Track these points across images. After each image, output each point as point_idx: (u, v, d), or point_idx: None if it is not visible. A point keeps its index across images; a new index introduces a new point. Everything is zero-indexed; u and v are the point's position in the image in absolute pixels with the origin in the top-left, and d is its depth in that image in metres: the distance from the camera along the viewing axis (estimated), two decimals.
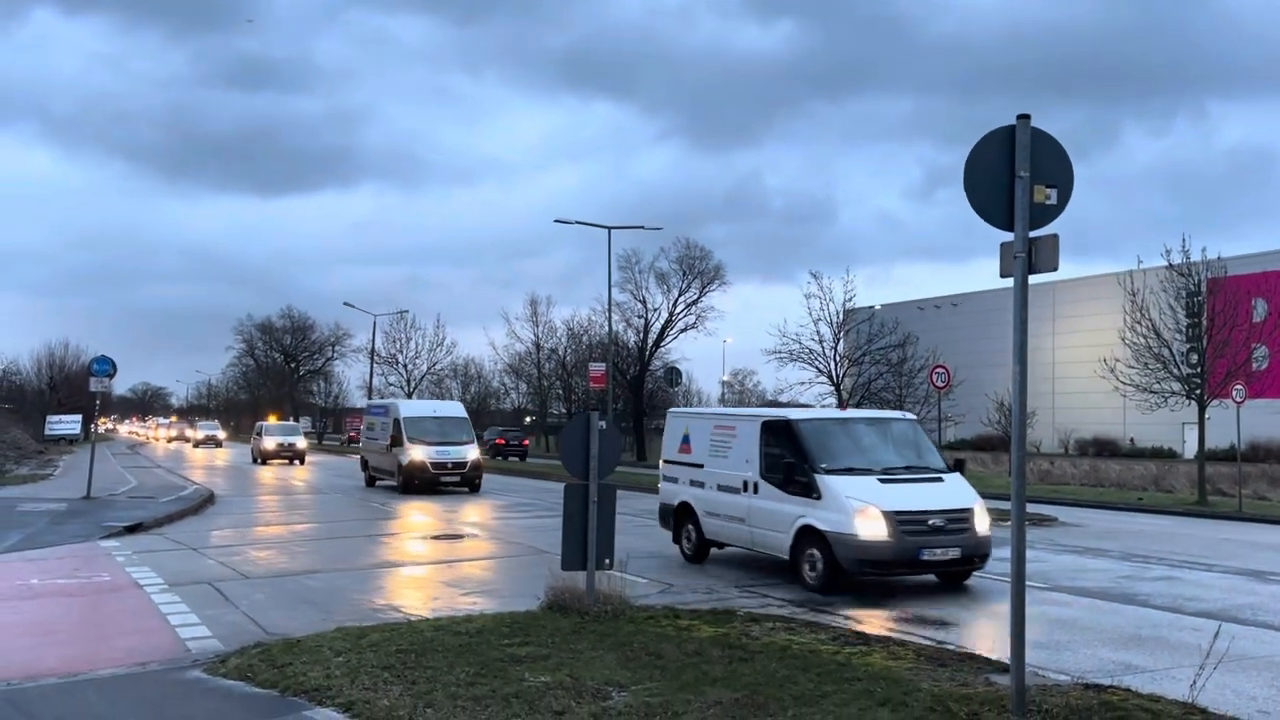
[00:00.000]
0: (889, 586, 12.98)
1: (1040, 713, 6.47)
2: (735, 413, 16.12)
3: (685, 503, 15.23)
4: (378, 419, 33.46)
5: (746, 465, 13.82)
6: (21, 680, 8.16)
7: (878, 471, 12.85)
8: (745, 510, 13.76)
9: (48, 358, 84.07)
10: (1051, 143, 6.81)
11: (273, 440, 48.61)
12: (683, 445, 15.60)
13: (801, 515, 12.58)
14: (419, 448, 29.07)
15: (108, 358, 26.77)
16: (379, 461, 32.01)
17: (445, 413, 32.53)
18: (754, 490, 13.62)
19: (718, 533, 14.56)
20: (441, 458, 29.10)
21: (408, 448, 29.14)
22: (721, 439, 14.64)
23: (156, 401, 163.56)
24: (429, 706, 6.91)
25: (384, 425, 31.84)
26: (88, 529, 18.43)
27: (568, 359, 72.05)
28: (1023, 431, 6.71)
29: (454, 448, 29.53)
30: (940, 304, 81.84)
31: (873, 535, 11.86)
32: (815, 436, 13.23)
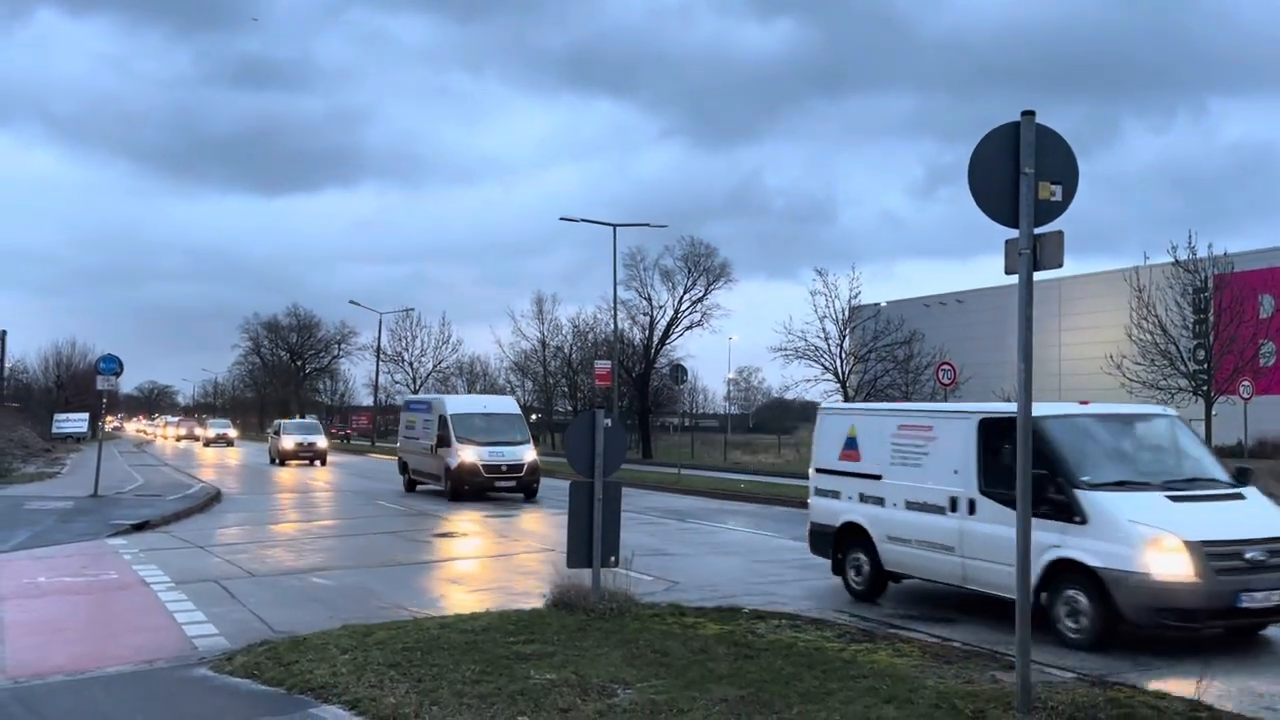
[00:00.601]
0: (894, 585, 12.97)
1: (1046, 710, 6.47)
2: (931, 409, 12.86)
3: (853, 524, 12.23)
4: (419, 416, 30.45)
5: (955, 477, 10.81)
6: (29, 678, 8.20)
7: (1158, 486, 9.87)
8: (955, 536, 10.72)
9: (55, 356, 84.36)
10: (1056, 139, 6.80)
11: (292, 440, 45.81)
12: (846, 450, 12.60)
13: (1055, 545, 9.53)
14: (469, 448, 26.07)
15: (114, 356, 26.81)
16: (421, 464, 29.05)
17: (497, 408, 29.55)
18: (969, 510, 10.57)
19: (906, 563, 11.55)
20: (495, 459, 25.97)
21: (456, 448, 26.16)
22: (911, 443, 11.59)
23: (163, 400, 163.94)
24: (434, 704, 6.92)
25: (427, 423, 28.91)
26: (95, 527, 18.48)
27: (573, 357, 72.07)
28: (1028, 428, 6.70)
29: (509, 448, 26.47)
30: (946, 301, 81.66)
31: (1172, 574, 8.96)
32: (1071, 439, 10.22)
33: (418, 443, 29.57)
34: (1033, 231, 6.65)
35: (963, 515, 10.64)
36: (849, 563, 12.34)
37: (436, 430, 27.55)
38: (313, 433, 47.44)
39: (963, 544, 10.61)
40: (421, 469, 29.03)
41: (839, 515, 12.51)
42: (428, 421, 28.85)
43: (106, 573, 13.71)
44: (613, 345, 50.73)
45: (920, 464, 11.39)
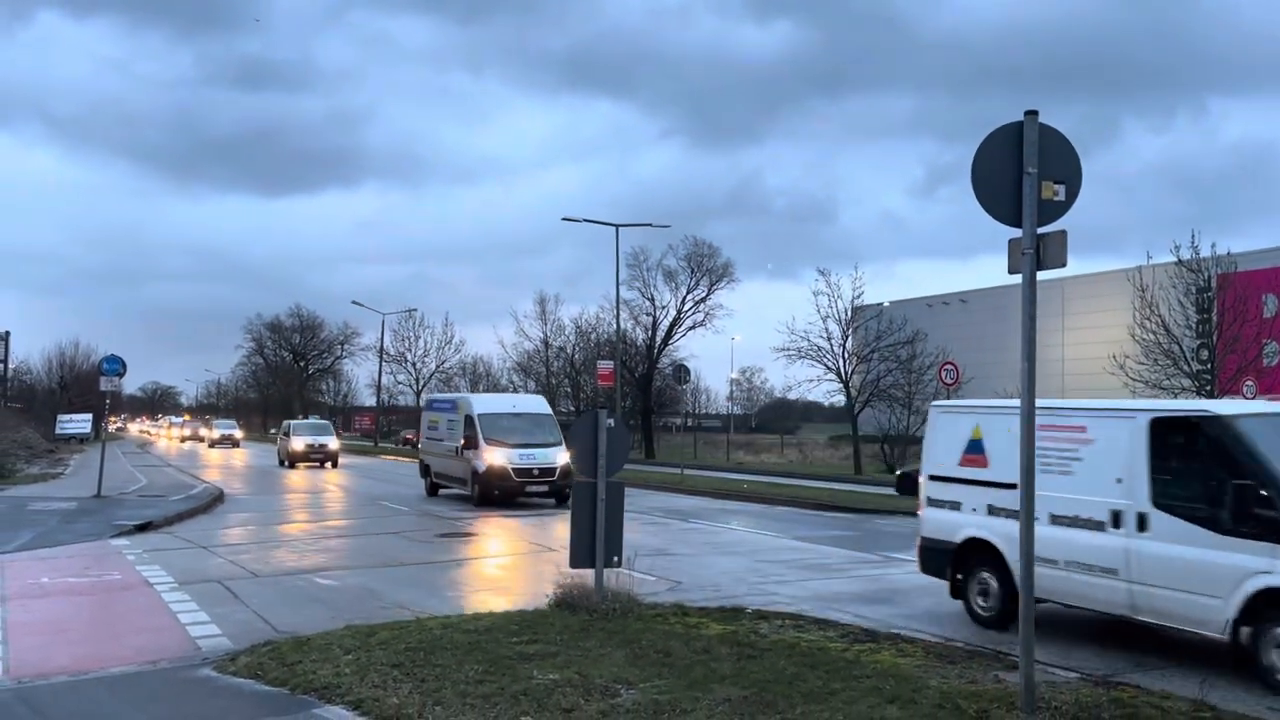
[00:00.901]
0: (896, 585, 12.97)
1: (1049, 709, 6.46)
2: (1083, 406, 10.41)
3: (979, 540, 10.64)
4: (442, 415, 28.46)
5: (1118, 487, 9.23)
6: (33, 678, 8.20)
7: None
8: (1120, 557, 9.13)
9: (58, 357, 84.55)
10: (1059, 139, 6.79)
11: (302, 441, 43.58)
12: (969, 454, 11.08)
13: (1264, 572, 7.96)
14: (498, 450, 24.25)
15: (118, 357, 26.84)
16: (445, 467, 27.12)
17: (528, 408, 27.39)
18: (1138, 526, 9.01)
19: (1051, 588, 9.63)
20: (526, 462, 24.13)
21: (484, 450, 24.30)
22: (1057, 446, 9.82)
23: (166, 401, 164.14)
24: (438, 704, 6.92)
25: (451, 424, 27.05)
26: (98, 528, 18.50)
27: (576, 357, 72.10)
28: (1031, 428, 6.70)
29: (540, 450, 24.59)
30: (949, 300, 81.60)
31: None
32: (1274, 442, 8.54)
33: (441, 444, 27.61)
34: (1036, 231, 6.64)
35: (1129, 533, 9.08)
36: (972, 585, 10.73)
37: (463, 431, 25.65)
38: (324, 434, 45.23)
39: (1132, 566, 9.04)
40: (446, 472, 27.18)
41: (960, 530, 10.94)
42: (452, 422, 27.00)
43: (110, 573, 13.71)
44: (615, 345, 50.72)
45: (1070, 471, 9.75)
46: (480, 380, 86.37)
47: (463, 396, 29.36)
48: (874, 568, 14.60)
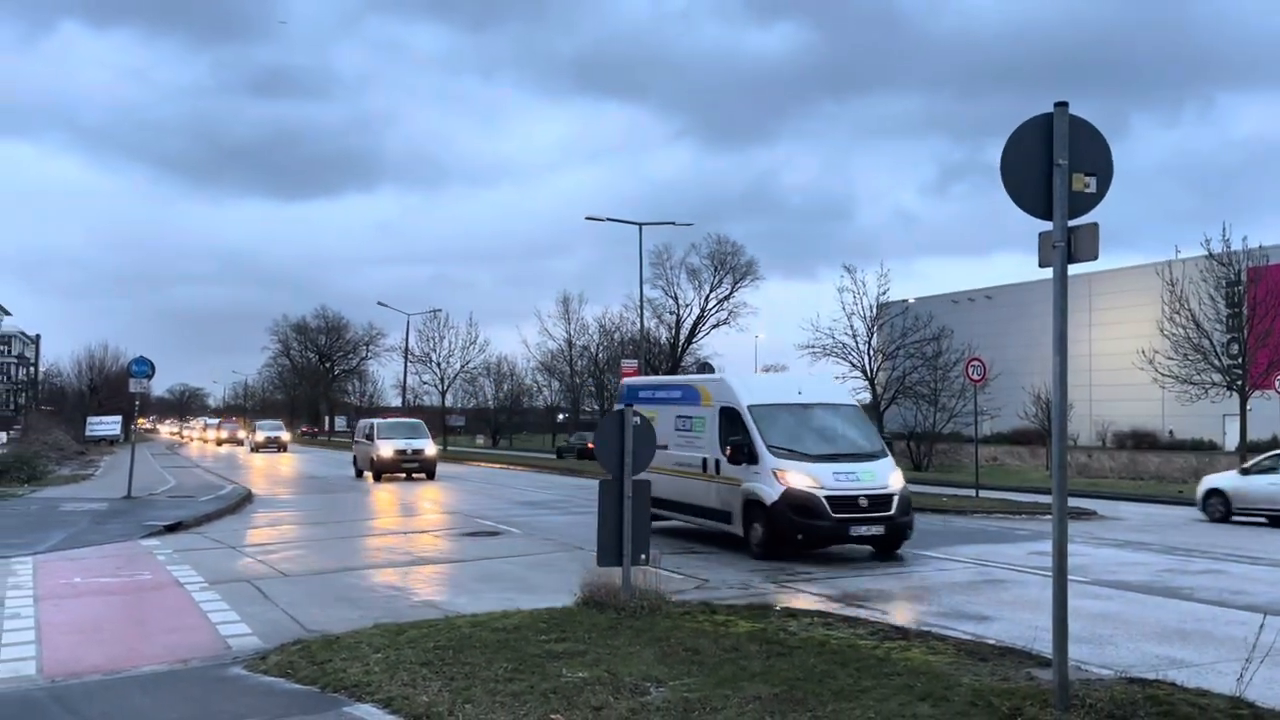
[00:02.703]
0: (925, 583, 12.89)
1: (1084, 707, 6.38)
2: None
3: None
4: (662, 409, 18.06)
5: None
6: (66, 677, 8.27)
7: None
8: None
9: (88, 360, 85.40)
10: (1090, 130, 6.71)
11: (391, 446, 34.07)
12: None
13: None
14: (796, 467, 15.01)
15: (146, 359, 27.04)
16: (683, 491, 17.14)
17: (822, 395, 17.35)
18: None
19: None
20: (846, 486, 14.85)
21: (773, 468, 15.09)
22: None
23: (194, 402, 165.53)
24: (468, 702, 6.92)
25: (686, 421, 17.50)
26: (129, 528, 18.65)
27: (600, 356, 72.16)
28: (1063, 423, 6.63)
29: (862, 466, 15.37)
30: (975, 297, 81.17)
31: None
32: None
33: (666, 454, 16.74)
34: (1067, 224, 6.57)
35: None
36: None
37: (719, 433, 16.38)
38: (418, 436, 35.63)
39: None
40: (683, 499, 17.18)
41: None
42: (686, 419, 17.53)
43: (141, 573, 13.82)
44: (640, 344, 50.71)
45: None
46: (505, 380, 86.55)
47: (710, 379, 19.38)
48: (902, 565, 14.51)
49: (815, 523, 14.63)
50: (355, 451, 38.46)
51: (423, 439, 35.51)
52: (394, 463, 33.99)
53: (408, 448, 34.29)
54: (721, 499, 16.11)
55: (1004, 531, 19.17)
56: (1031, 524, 20.59)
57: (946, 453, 44.74)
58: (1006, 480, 34.18)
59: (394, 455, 33.98)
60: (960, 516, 22.09)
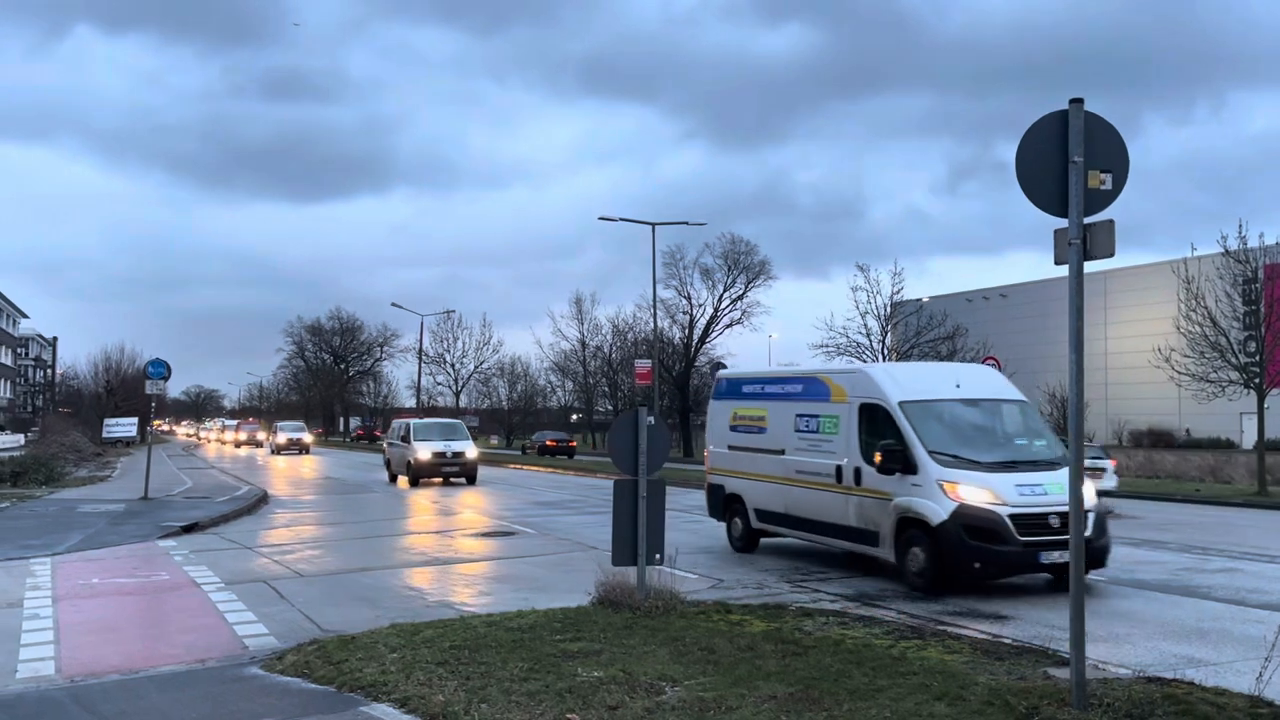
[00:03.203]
0: None
1: (1101, 707, 6.36)
2: None
3: None
4: (775, 406, 15.34)
5: None
6: (85, 677, 8.32)
7: None
8: None
9: (104, 361, 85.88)
10: (1105, 126, 6.69)
11: (428, 448, 31.82)
12: None
13: None
14: (969, 478, 12.19)
15: (162, 360, 27.17)
16: (804, 505, 14.34)
17: (984, 389, 14.17)
18: None
19: None
20: (1032, 501, 12.06)
21: (936, 476, 12.26)
22: None
23: (209, 404, 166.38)
24: (483, 702, 6.94)
25: (810, 422, 14.41)
26: (146, 529, 18.75)
27: (613, 356, 72.24)
28: (1080, 420, 6.60)
29: (1044, 474, 12.50)
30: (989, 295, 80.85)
31: None
32: None
33: (780, 460, 14.83)
34: (1082, 221, 6.54)
35: None
36: None
37: (857, 436, 13.37)
38: (457, 437, 33.33)
39: None
40: (810, 514, 14.25)
41: None
42: (811, 418, 14.41)
43: (158, 574, 13.89)
44: (653, 344, 50.71)
45: None
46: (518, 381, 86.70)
47: (842, 369, 16.60)
48: None
49: (997, 548, 11.69)
50: (388, 454, 35.96)
51: (463, 440, 33.19)
52: (432, 466, 31.82)
53: (447, 450, 32.05)
54: (863, 516, 13.10)
55: None
56: None
57: None
58: None
59: (432, 458, 31.75)
60: None
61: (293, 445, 61.90)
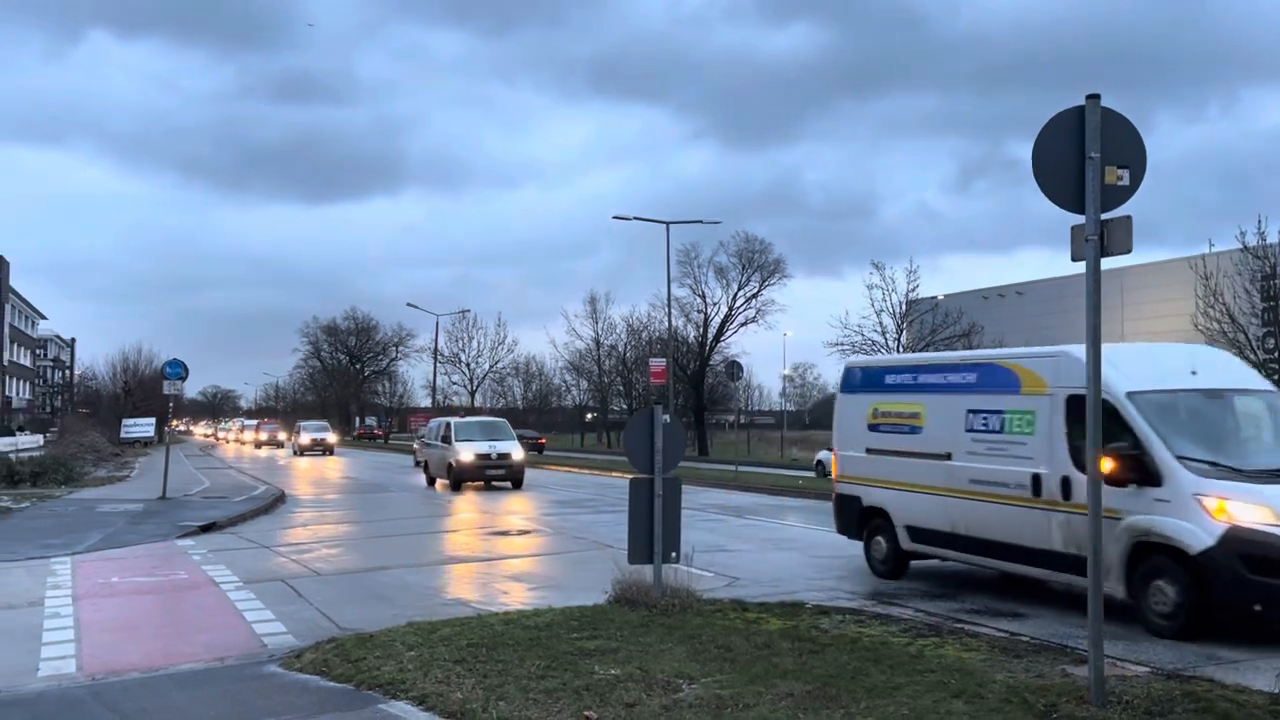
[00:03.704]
0: (958, 578, 12.83)
1: (1121, 704, 6.34)
2: None
3: None
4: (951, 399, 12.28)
5: None
6: (105, 675, 8.38)
7: None
8: None
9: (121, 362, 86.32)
10: (1122, 122, 6.67)
11: (471, 449, 28.94)
12: None
13: None
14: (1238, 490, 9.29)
15: (180, 361, 27.30)
16: (996, 523, 11.37)
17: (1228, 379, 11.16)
18: None
19: None
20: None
21: (1193, 488, 9.38)
22: None
23: (226, 404, 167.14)
24: (501, 699, 6.96)
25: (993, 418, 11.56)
26: (164, 529, 18.85)
27: (628, 355, 72.27)
28: (1098, 415, 6.57)
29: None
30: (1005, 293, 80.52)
31: None
32: None
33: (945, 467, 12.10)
34: (1100, 217, 6.52)
35: None
36: None
37: (1064, 437, 10.57)
38: (502, 437, 30.47)
39: None
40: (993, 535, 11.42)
41: None
42: (992, 415, 11.63)
43: (176, 573, 13.97)
44: (668, 343, 50.73)
45: None
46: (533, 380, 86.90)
47: (1036, 352, 11.87)
48: (935, 562, 14.41)
49: None
50: (424, 456, 33.35)
51: (508, 440, 30.36)
52: (476, 469, 29.03)
53: (492, 451, 29.28)
54: (1073, 539, 10.17)
55: None
56: None
57: None
58: None
59: (476, 460, 28.89)
60: None
61: (316, 446, 59.16)
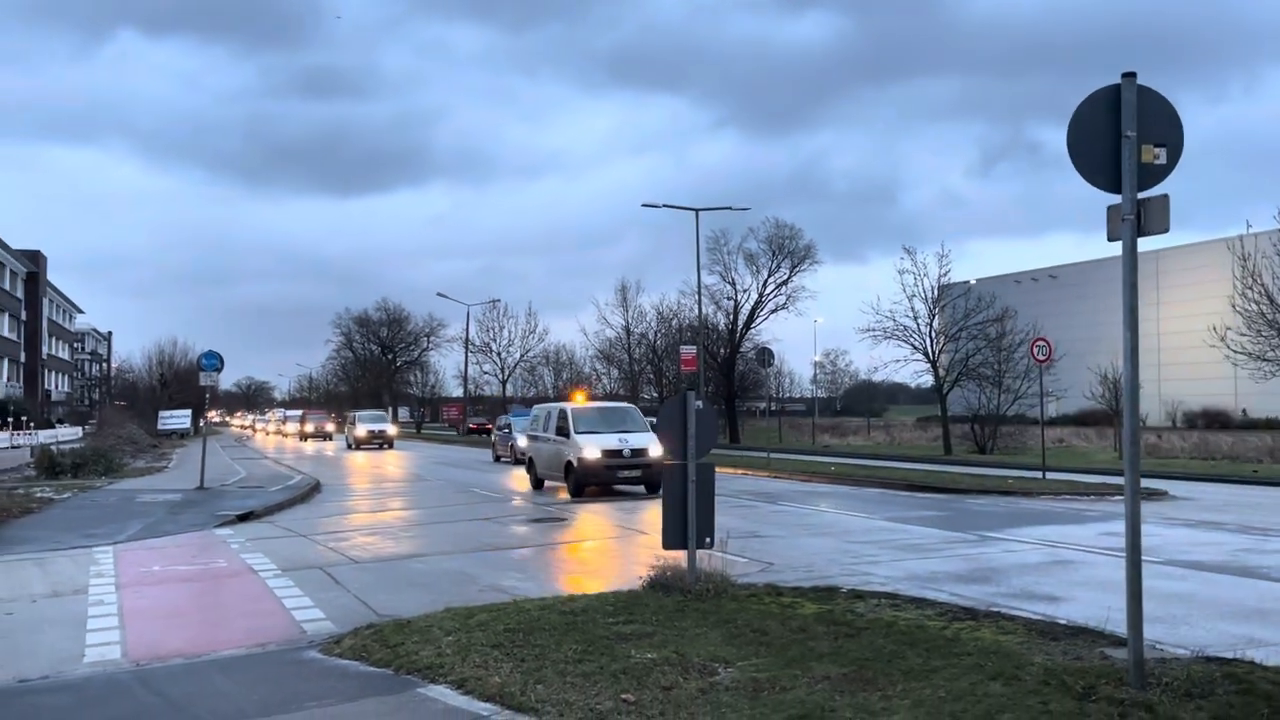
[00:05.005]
0: (993, 564, 12.78)
1: (1160, 685, 6.30)
2: None
3: None
4: None
5: None
6: (149, 660, 8.52)
7: None
8: None
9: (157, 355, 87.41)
10: (1159, 100, 6.59)
11: (595, 444, 23.21)
12: None
13: None
14: None
15: (215, 353, 27.57)
16: None
17: None
18: None
19: None
20: None
21: None
22: None
23: (260, 395, 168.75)
24: (539, 683, 7.02)
25: None
26: (203, 518, 19.10)
27: (658, 343, 72.22)
28: (1135, 397, 6.53)
29: None
30: (1038, 277, 79.91)
31: None
32: None
33: None
34: (1136, 196, 6.46)
35: None
36: None
37: None
38: (633, 427, 24.35)
39: None
40: None
41: None
42: None
43: (216, 561, 14.16)
44: (698, 330, 50.66)
45: None
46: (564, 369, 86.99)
47: None
48: (970, 547, 14.39)
49: None
50: (530, 451, 26.97)
51: (640, 431, 23.90)
52: (604, 469, 23.07)
53: (623, 446, 23.01)
54: None
55: (1072, 513, 18.90)
56: (1100, 505, 20.28)
57: (1012, 435, 44.07)
58: (1073, 462, 33.65)
59: (603, 459, 22.96)
60: (1027, 498, 21.82)
61: (374, 439, 53.45)
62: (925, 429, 61.92)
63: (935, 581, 11.58)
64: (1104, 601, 9.97)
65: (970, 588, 11.18)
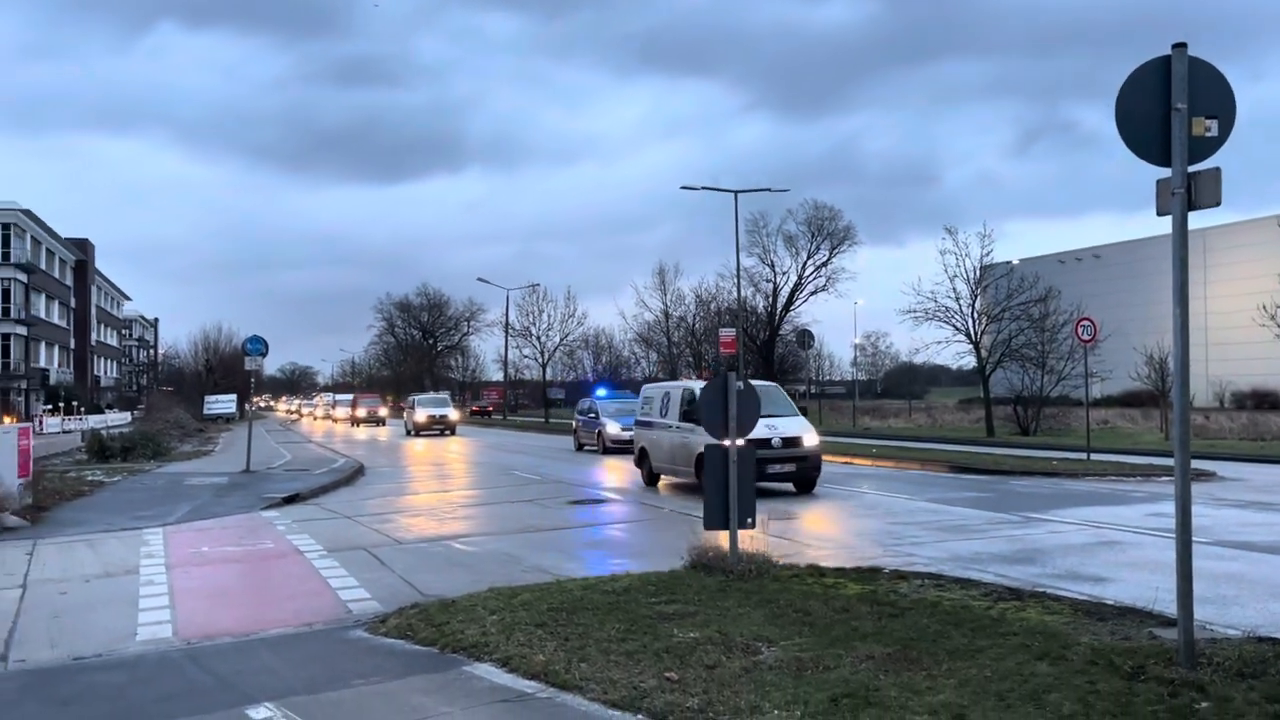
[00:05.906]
0: (1038, 545, 12.67)
1: (1211, 665, 6.22)
2: None
3: None
4: None
5: None
6: (199, 638, 8.67)
7: None
8: None
9: (203, 340, 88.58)
10: (1210, 71, 6.47)
11: None
12: None
13: None
14: None
15: (260, 337, 27.85)
16: None
17: None
18: None
19: None
20: None
21: None
22: None
23: (304, 380, 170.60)
24: (583, 661, 7.06)
25: None
26: (249, 500, 19.36)
27: (697, 326, 72.08)
28: (1185, 375, 6.43)
29: None
30: (1082, 256, 78.83)
31: None
32: None
33: None
34: (1186, 170, 6.35)
35: None
36: None
37: None
38: (781, 411, 19.82)
39: None
40: None
41: None
42: None
43: (263, 542, 14.35)
44: (737, 312, 50.52)
45: None
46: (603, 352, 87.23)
47: None
48: (1014, 528, 14.26)
49: None
50: (643, 441, 22.35)
51: (789, 415, 20.00)
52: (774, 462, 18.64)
53: (771, 435, 18.36)
54: None
55: (1118, 494, 18.68)
56: (1147, 486, 20.02)
57: (1055, 416, 43.53)
58: (1118, 443, 33.22)
59: None
60: (1071, 479, 21.59)
61: (436, 424, 50.37)
62: (967, 411, 61.36)
63: (979, 562, 11.50)
64: (1151, 582, 9.86)
65: (1015, 568, 11.09)
